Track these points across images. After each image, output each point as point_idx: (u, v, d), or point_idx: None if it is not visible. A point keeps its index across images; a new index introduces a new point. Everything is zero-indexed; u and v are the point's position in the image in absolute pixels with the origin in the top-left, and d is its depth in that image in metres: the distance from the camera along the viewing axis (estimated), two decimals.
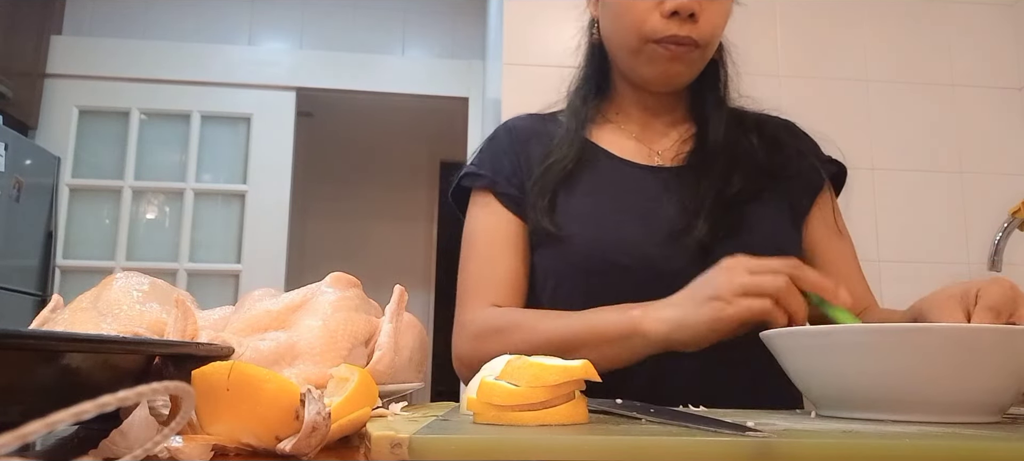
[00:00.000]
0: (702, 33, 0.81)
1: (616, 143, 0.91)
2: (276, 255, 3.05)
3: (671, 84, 0.87)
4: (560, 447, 0.35)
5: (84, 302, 0.59)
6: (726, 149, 0.86)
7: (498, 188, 0.88)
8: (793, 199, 0.88)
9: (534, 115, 0.98)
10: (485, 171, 0.90)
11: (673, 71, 0.84)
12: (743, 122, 0.92)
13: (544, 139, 0.91)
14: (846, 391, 0.52)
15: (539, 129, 0.93)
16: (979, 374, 0.48)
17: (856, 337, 0.50)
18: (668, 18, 0.80)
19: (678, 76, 0.85)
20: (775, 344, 0.58)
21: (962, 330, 0.48)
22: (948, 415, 0.49)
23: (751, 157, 0.87)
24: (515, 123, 0.96)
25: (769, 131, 0.92)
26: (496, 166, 0.90)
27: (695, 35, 0.81)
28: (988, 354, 0.48)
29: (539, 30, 1.91)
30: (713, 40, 0.84)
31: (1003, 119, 2.01)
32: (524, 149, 0.91)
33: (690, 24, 0.80)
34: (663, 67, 0.84)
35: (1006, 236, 1.61)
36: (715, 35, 0.84)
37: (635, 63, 0.86)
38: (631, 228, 0.82)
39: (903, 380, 0.49)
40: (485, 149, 0.94)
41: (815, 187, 0.90)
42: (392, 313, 0.59)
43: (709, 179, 0.83)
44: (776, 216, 0.85)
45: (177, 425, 0.30)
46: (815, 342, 0.53)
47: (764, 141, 0.89)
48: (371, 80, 3.21)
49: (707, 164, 0.85)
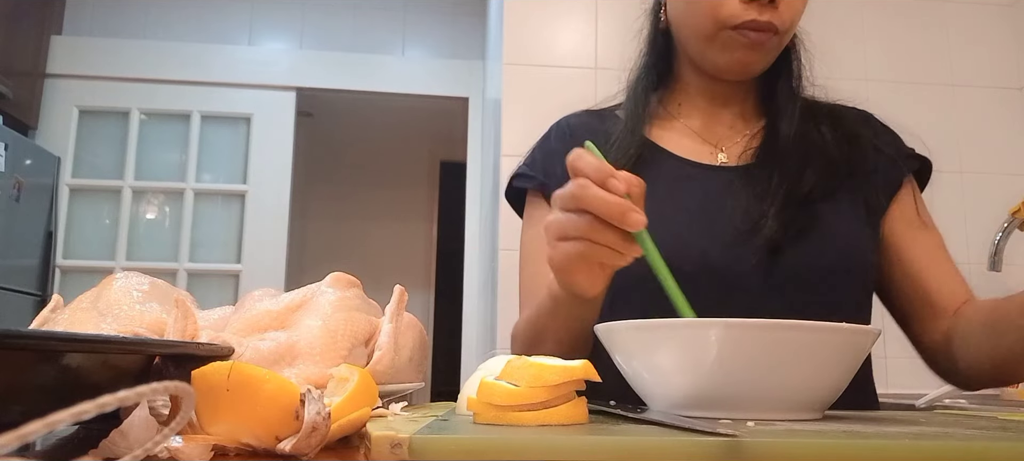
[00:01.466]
0: (782, 19, 0.77)
1: (678, 142, 0.86)
2: (276, 255, 3.06)
3: (746, 72, 0.82)
4: (560, 447, 0.35)
5: (84, 302, 0.59)
6: (798, 144, 0.82)
7: (548, 190, 0.84)
8: (870, 196, 0.82)
9: (591, 111, 0.94)
10: (536, 172, 0.87)
11: (749, 59, 0.79)
12: (816, 114, 0.86)
13: (600, 138, 0.85)
14: (668, 388, 0.51)
15: (595, 127, 0.89)
16: (795, 371, 0.47)
17: (671, 332, 0.49)
18: (747, 2, 0.76)
19: (754, 64, 0.80)
20: (603, 340, 0.55)
21: (770, 326, 0.47)
22: (769, 412, 0.48)
23: (824, 152, 0.82)
24: (569, 120, 0.92)
25: (845, 124, 0.87)
26: (548, 167, 0.87)
27: (776, 21, 0.76)
28: (802, 351, 0.47)
29: (539, 30, 1.91)
30: (792, 26, 0.79)
31: (1003, 119, 2.02)
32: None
33: (771, 9, 0.76)
34: (739, 55, 0.79)
35: (1006, 236, 1.61)
36: (795, 21, 0.79)
37: (708, 50, 0.81)
38: (693, 232, 0.77)
39: (717, 377, 0.48)
40: (537, 148, 0.91)
41: (894, 184, 0.85)
42: (392, 313, 0.59)
43: (779, 176, 0.79)
44: (850, 215, 0.80)
45: (177, 425, 0.30)
46: (631, 337, 0.52)
47: (838, 134, 0.84)
48: (371, 80, 3.21)
49: (777, 160, 0.81)
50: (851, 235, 0.79)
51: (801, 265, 0.76)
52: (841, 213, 0.79)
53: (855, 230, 0.80)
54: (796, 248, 0.75)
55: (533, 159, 0.89)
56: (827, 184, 0.80)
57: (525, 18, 1.92)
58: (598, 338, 0.56)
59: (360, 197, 4.33)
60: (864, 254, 0.80)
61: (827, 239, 0.77)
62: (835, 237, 0.78)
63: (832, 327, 0.48)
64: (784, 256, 0.73)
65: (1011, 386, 0.75)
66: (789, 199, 0.77)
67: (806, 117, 0.84)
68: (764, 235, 0.75)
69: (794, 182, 0.78)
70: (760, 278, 0.70)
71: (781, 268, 0.74)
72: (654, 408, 0.53)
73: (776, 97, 0.86)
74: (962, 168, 1.97)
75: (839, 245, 0.78)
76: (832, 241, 0.77)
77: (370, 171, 4.36)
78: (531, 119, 1.81)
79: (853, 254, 0.79)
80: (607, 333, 0.54)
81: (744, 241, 0.76)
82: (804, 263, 0.76)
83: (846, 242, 0.78)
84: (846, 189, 0.81)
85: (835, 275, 0.77)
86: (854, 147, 0.84)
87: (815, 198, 0.78)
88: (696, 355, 0.48)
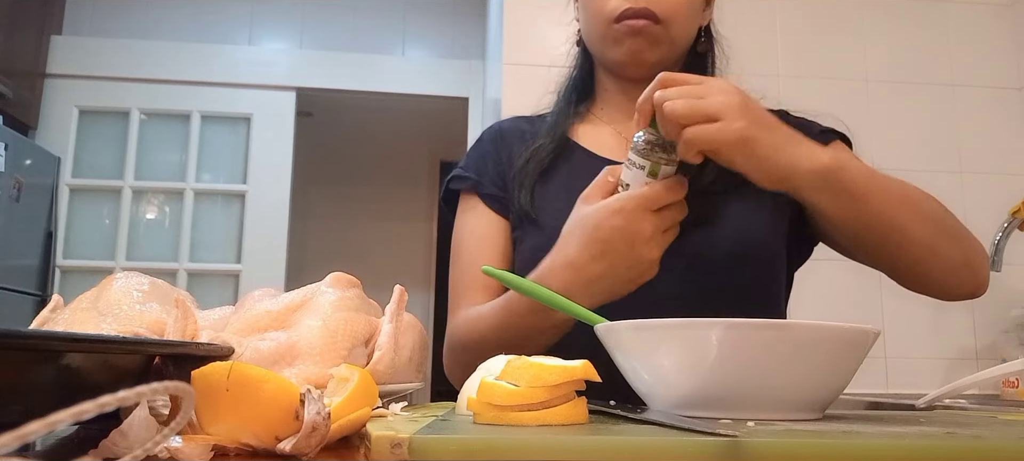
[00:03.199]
0: (661, 6, 0.82)
1: (595, 140, 0.92)
2: (276, 255, 3.06)
3: (639, 62, 0.87)
4: (560, 447, 0.35)
5: (84, 302, 0.59)
6: None
7: (482, 189, 0.90)
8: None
9: (522, 117, 1.00)
10: (470, 173, 0.92)
11: (636, 48, 0.84)
12: None
13: (529, 138, 0.92)
14: (668, 388, 0.51)
15: (525, 129, 0.95)
16: (795, 371, 0.47)
17: (671, 332, 0.49)
18: None
19: (642, 52, 0.85)
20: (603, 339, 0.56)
21: (770, 326, 0.47)
22: (769, 412, 0.48)
23: None
24: (501, 125, 0.99)
25: None
26: (480, 168, 0.92)
27: (653, 7, 0.82)
28: (802, 351, 0.47)
29: (539, 30, 1.91)
30: (675, 16, 0.84)
31: (1003, 119, 2.02)
32: (508, 150, 0.92)
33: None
34: (627, 45, 0.84)
35: (1006, 236, 1.61)
36: (677, 10, 0.84)
37: (605, 49, 0.88)
38: None
39: (717, 377, 0.48)
40: (471, 152, 0.96)
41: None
42: (392, 313, 0.59)
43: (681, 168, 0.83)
44: (752, 208, 0.84)
45: (177, 425, 0.30)
46: (631, 337, 0.52)
47: None
48: (371, 80, 3.21)
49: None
50: (751, 224, 0.83)
51: (700, 251, 0.79)
52: (742, 205, 0.83)
53: (757, 219, 0.84)
54: (695, 235, 0.77)
55: (468, 162, 0.95)
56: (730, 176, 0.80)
57: (525, 18, 1.92)
58: (598, 338, 0.56)
59: (360, 197, 4.33)
60: (765, 242, 0.84)
61: (725, 227, 0.81)
62: (734, 225, 0.82)
63: (832, 327, 0.48)
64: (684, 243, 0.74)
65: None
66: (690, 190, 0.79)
67: None
68: None
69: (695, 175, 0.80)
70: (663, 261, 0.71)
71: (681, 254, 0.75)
72: (654, 408, 0.53)
73: None
74: (962, 168, 1.97)
75: (737, 233, 0.82)
76: (730, 229, 0.81)
77: (370, 171, 4.36)
78: None
79: (752, 242, 0.83)
80: (607, 333, 0.54)
81: None
82: (702, 250, 0.79)
83: (745, 230, 0.82)
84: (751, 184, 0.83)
85: (733, 260, 0.81)
86: None
87: (716, 190, 0.81)
88: (696, 355, 0.48)
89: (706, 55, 0.92)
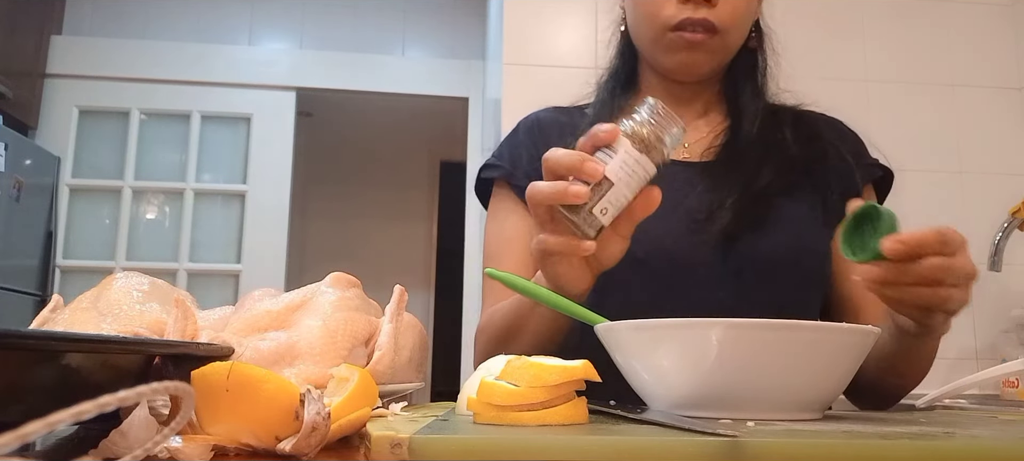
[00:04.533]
0: (721, 17, 0.78)
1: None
2: (276, 255, 3.06)
3: (693, 73, 0.84)
4: (560, 447, 0.35)
5: (84, 302, 0.59)
6: (758, 142, 0.83)
7: (514, 180, 0.86)
8: (827, 197, 0.83)
9: (559, 108, 0.96)
10: (503, 162, 0.89)
11: (692, 60, 0.81)
12: (779, 117, 0.88)
13: (566, 130, 0.88)
14: (668, 388, 0.51)
15: (563, 121, 0.91)
16: (795, 371, 0.47)
17: (671, 332, 0.49)
18: (683, 2, 0.78)
19: (698, 64, 0.82)
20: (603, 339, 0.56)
21: (770, 326, 0.47)
22: (769, 412, 0.48)
23: (784, 151, 0.83)
24: (537, 115, 0.94)
25: (807, 126, 0.88)
26: (514, 157, 0.89)
27: (712, 18, 0.78)
28: (802, 351, 0.47)
29: (539, 30, 1.91)
30: (734, 25, 0.80)
31: (1003, 119, 2.01)
32: (545, 141, 0.88)
33: (706, 7, 0.78)
34: (682, 56, 0.81)
35: (1006, 236, 1.61)
36: (736, 18, 0.80)
37: (656, 53, 0.84)
38: (649, 220, 0.80)
39: (717, 377, 0.48)
40: (505, 142, 0.93)
41: (851, 189, 0.84)
42: (392, 313, 0.59)
43: (737, 172, 0.80)
44: (807, 212, 0.81)
45: (177, 425, 0.30)
46: (631, 337, 0.52)
47: (800, 136, 0.85)
48: (371, 80, 3.21)
49: (737, 158, 0.82)
50: (804, 230, 0.81)
51: (754, 255, 0.77)
52: (796, 209, 0.81)
53: (809, 226, 0.81)
54: (749, 239, 0.76)
55: (501, 151, 0.91)
56: (785, 181, 0.81)
57: (525, 18, 1.92)
58: (598, 338, 0.56)
59: (360, 197, 4.33)
60: (815, 249, 0.81)
61: (780, 231, 0.78)
62: (788, 230, 0.79)
63: (832, 327, 0.48)
64: (737, 246, 0.73)
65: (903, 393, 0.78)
66: (745, 192, 0.78)
67: (769, 118, 0.86)
68: (719, 224, 0.76)
69: (751, 176, 0.80)
70: (712, 266, 0.70)
71: (734, 257, 0.75)
72: (654, 408, 0.53)
73: (739, 96, 0.87)
74: (962, 168, 1.97)
75: (791, 238, 0.79)
76: (785, 234, 0.79)
77: (370, 171, 4.36)
78: None
79: (804, 249, 0.80)
80: (607, 333, 0.54)
81: (699, 229, 0.77)
82: (756, 254, 0.77)
83: (798, 236, 0.80)
84: (804, 187, 0.82)
85: (785, 268, 0.78)
86: (815, 147, 0.86)
87: (772, 193, 0.79)
88: (696, 355, 0.48)
89: (756, 52, 0.88)
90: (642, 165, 0.56)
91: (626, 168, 0.56)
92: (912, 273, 0.55)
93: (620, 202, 0.57)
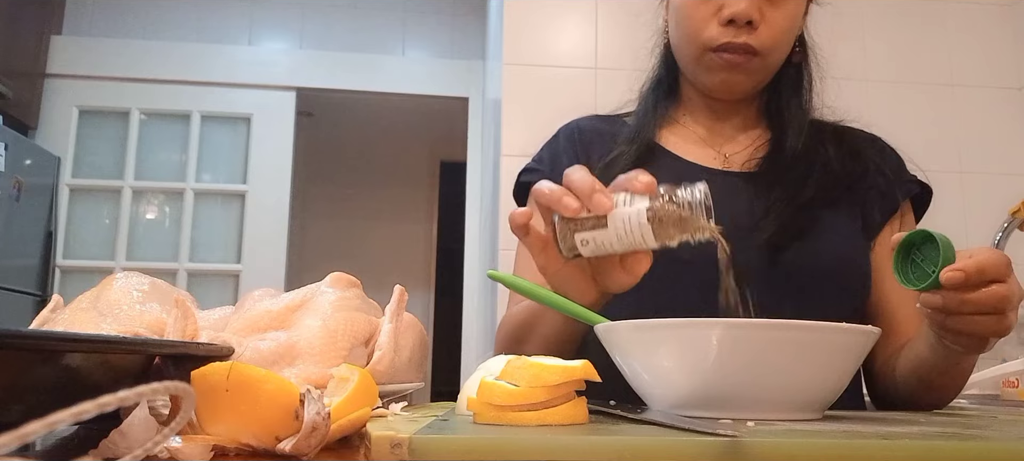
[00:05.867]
0: (762, 40, 0.79)
1: (682, 146, 0.89)
2: (276, 255, 3.06)
3: (732, 93, 0.85)
4: (560, 447, 0.35)
5: (84, 302, 0.59)
6: (802, 156, 0.83)
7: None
8: (867, 211, 0.84)
9: (600, 116, 0.97)
10: (543, 166, 0.89)
11: (732, 80, 0.82)
12: (821, 132, 0.88)
13: (607, 139, 0.89)
14: (668, 388, 0.51)
15: (603, 130, 0.92)
16: (795, 371, 0.47)
17: (671, 332, 0.49)
18: (725, 26, 0.78)
19: (738, 85, 0.83)
20: (603, 339, 0.56)
21: (770, 326, 0.47)
22: (769, 412, 0.48)
23: (827, 165, 0.84)
24: (578, 123, 0.95)
25: (849, 142, 0.89)
26: (554, 162, 0.89)
27: (754, 43, 0.78)
28: (802, 351, 0.47)
29: (539, 30, 1.91)
30: (776, 47, 0.81)
31: (1003, 119, 2.02)
32: (586, 149, 0.89)
33: (748, 31, 0.78)
34: (722, 76, 0.82)
35: (1006, 236, 1.61)
36: (777, 42, 0.80)
37: (696, 71, 0.85)
38: None
39: (717, 377, 0.48)
40: (546, 147, 0.93)
41: (890, 205, 0.86)
42: (392, 313, 0.59)
43: (781, 184, 0.81)
44: (848, 224, 0.82)
45: (177, 425, 0.30)
46: (631, 337, 0.52)
47: (842, 151, 0.86)
48: (371, 80, 3.21)
49: (781, 170, 0.83)
50: (847, 243, 0.81)
51: (798, 266, 0.77)
52: (839, 221, 0.81)
53: (851, 240, 0.82)
54: (794, 249, 0.76)
55: (541, 157, 0.92)
56: (827, 195, 0.81)
57: (525, 18, 1.92)
58: (598, 338, 0.56)
59: (360, 197, 4.33)
60: (858, 262, 0.81)
61: (824, 243, 0.78)
62: (832, 242, 0.79)
63: (832, 327, 0.48)
64: (782, 256, 0.74)
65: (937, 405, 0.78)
66: (791, 203, 0.78)
67: (812, 133, 0.87)
68: (764, 232, 0.77)
69: (796, 188, 0.80)
70: (756, 275, 0.70)
71: (778, 268, 0.75)
72: (654, 408, 0.53)
73: (783, 111, 0.87)
74: (962, 168, 1.97)
75: (836, 250, 0.79)
76: (829, 245, 0.79)
77: (370, 171, 4.36)
78: (531, 119, 1.81)
79: (848, 261, 0.80)
80: (607, 333, 0.54)
81: (744, 237, 0.76)
82: (801, 264, 0.77)
83: (842, 248, 0.80)
84: (846, 201, 0.83)
85: (829, 280, 0.78)
86: (856, 162, 0.86)
87: (816, 205, 0.80)
88: (696, 355, 0.48)
89: (801, 66, 0.88)
90: (643, 236, 0.55)
91: (627, 225, 0.55)
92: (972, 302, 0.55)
93: (603, 248, 0.57)
